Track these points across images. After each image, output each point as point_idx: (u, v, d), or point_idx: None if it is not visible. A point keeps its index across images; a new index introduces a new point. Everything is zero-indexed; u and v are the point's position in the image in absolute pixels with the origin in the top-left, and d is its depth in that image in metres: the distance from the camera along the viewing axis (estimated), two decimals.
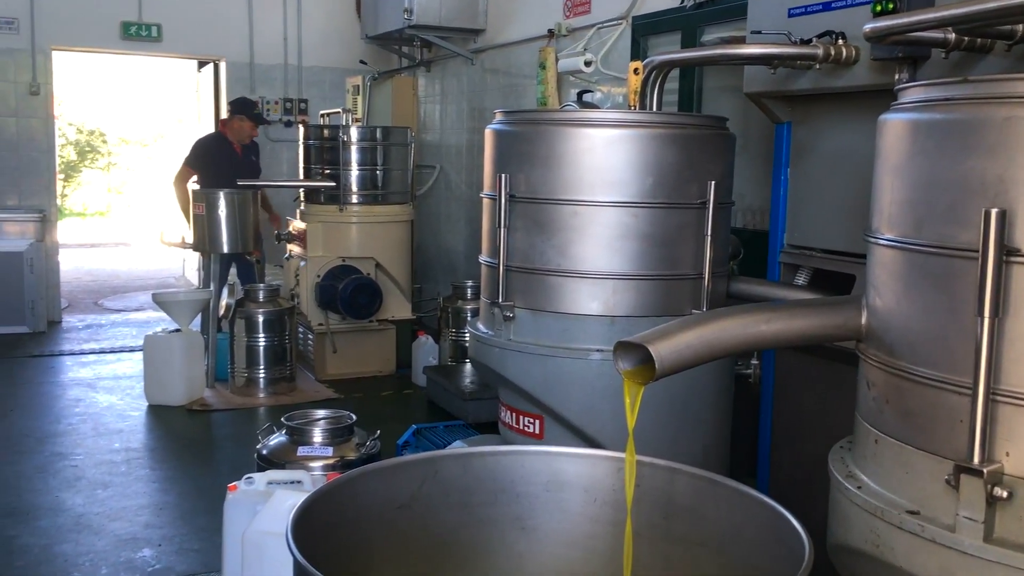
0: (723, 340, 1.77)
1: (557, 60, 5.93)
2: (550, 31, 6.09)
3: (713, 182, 2.85)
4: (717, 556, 1.72)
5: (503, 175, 2.89)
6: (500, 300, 2.94)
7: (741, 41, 3.51)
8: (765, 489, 3.09)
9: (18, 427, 5.21)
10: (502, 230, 2.91)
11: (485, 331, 3.07)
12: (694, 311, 2.88)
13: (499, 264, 2.93)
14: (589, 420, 2.83)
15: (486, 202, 3.10)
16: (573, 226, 2.83)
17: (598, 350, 2.82)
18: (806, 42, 2.81)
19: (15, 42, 7.85)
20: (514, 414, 3.02)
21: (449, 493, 1.82)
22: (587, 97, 5.35)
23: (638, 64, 3.10)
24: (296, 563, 1.39)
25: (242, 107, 7.02)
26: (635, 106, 3.10)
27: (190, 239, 6.36)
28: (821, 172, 3.09)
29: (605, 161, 2.82)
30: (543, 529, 1.87)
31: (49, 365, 6.74)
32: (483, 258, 3.14)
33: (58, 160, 8.95)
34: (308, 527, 1.52)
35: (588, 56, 5.62)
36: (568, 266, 2.84)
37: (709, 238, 2.87)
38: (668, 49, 4.72)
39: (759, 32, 2.96)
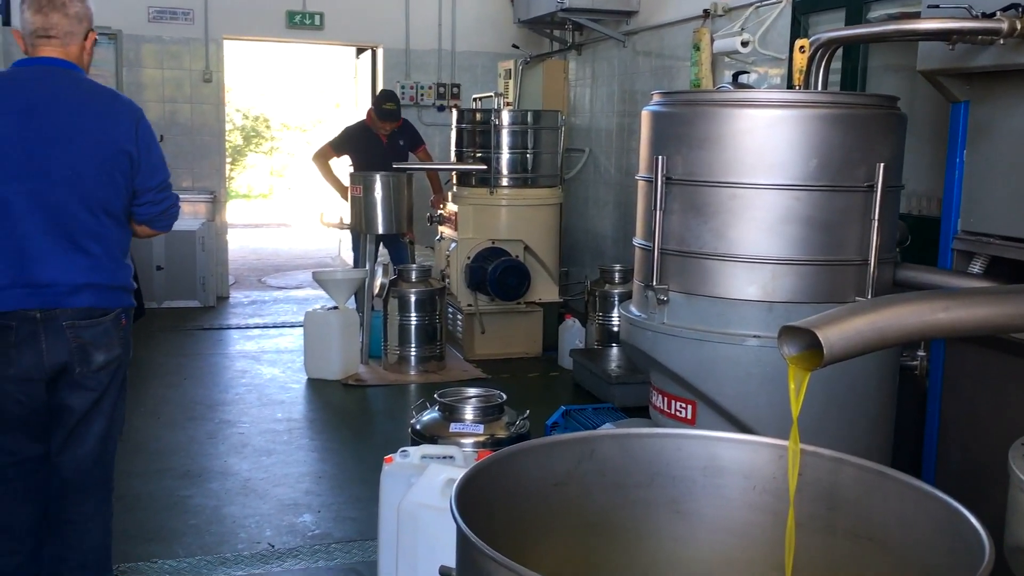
0: (896, 327, 1.69)
1: (712, 41, 5.80)
2: (705, 11, 5.97)
3: (882, 164, 2.73)
4: (884, 551, 1.66)
5: (659, 157, 2.86)
6: (654, 283, 2.91)
7: (912, 16, 3.34)
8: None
9: (190, 395, 5.55)
10: (657, 212, 2.88)
11: (638, 314, 3.05)
12: (858, 298, 2.77)
13: (654, 247, 2.90)
14: (744, 407, 2.77)
15: (641, 184, 3.08)
16: (731, 209, 2.77)
17: (755, 336, 2.75)
18: (989, 16, 2.65)
19: (190, 32, 8.32)
20: (666, 398, 3.00)
21: (605, 473, 1.82)
22: (743, 78, 5.22)
23: (804, 42, 2.99)
24: (459, 532, 1.43)
25: (374, 100, 7.19)
26: (800, 85, 2.99)
27: (347, 219, 6.60)
28: (1003, 154, 2.91)
29: (767, 142, 2.74)
30: (700, 514, 1.84)
31: (218, 338, 7.14)
32: (637, 240, 3.11)
33: (226, 144, 9.44)
34: (469, 499, 1.56)
35: (745, 36, 5.47)
36: (725, 249, 2.78)
37: (876, 223, 2.75)
38: (835, 27, 4.53)
39: (936, 6, 2.81)
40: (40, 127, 2.67)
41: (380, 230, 6.35)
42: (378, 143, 7.02)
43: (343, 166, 7.24)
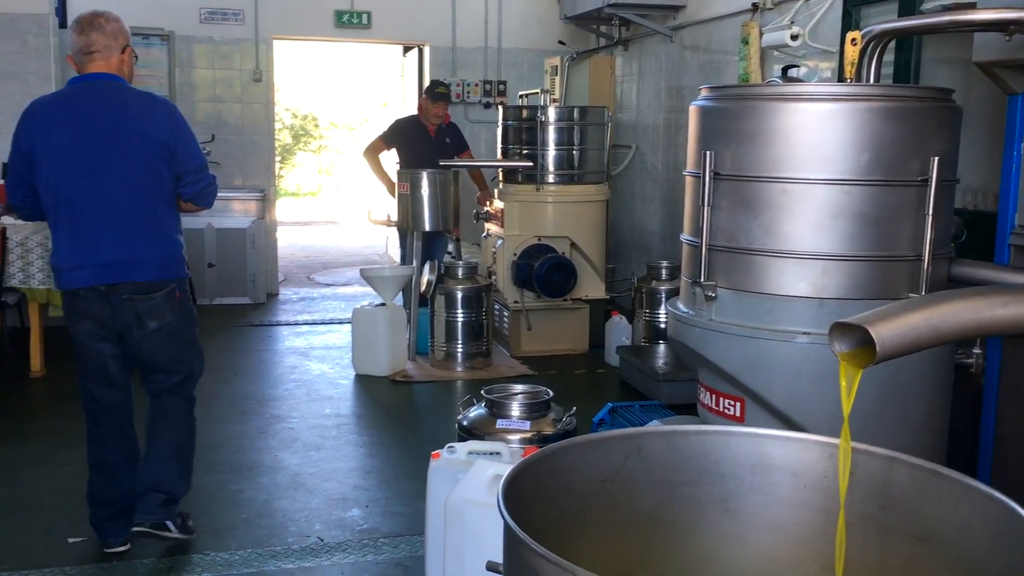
0: (952, 324, 1.66)
1: (761, 35, 5.73)
2: (754, 5, 5.90)
3: (936, 158, 2.68)
4: (939, 552, 1.63)
5: (708, 152, 2.84)
6: (702, 279, 2.89)
7: (967, 7, 3.26)
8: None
9: (241, 390, 5.63)
10: (705, 208, 2.86)
11: (685, 310, 3.03)
12: (911, 295, 2.72)
13: (701, 243, 2.88)
14: (794, 405, 2.74)
15: (689, 180, 3.06)
16: (781, 204, 2.74)
17: (805, 332, 2.72)
18: None
19: (240, 32, 8.44)
20: (714, 396, 2.97)
21: (652, 470, 1.81)
22: (793, 72, 5.15)
23: (856, 34, 2.94)
24: (506, 527, 1.43)
25: (425, 88, 7.28)
26: (852, 78, 2.95)
27: (395, 216, 6.65)
28: None
29: (818, 137, 2.70)
30: (748, 512, 1.82)
31: (268, 334, 7.24)
32: (684, 237, 3.09)
33: (276, 143, 9.55)
34: (515, 495, 1.56)
35: (795, 29, 5.40)
36: (775, 245, 2.75)
37: (930, 217, 2.70)
38: (888, 18, 4.45)
39: None
40: (95, 133, 3.22)
41: (427, 227, 6.38)
42: (426, 136, 7.08)
43: (391, 162, 7.29)
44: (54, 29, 7.15)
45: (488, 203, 7.06)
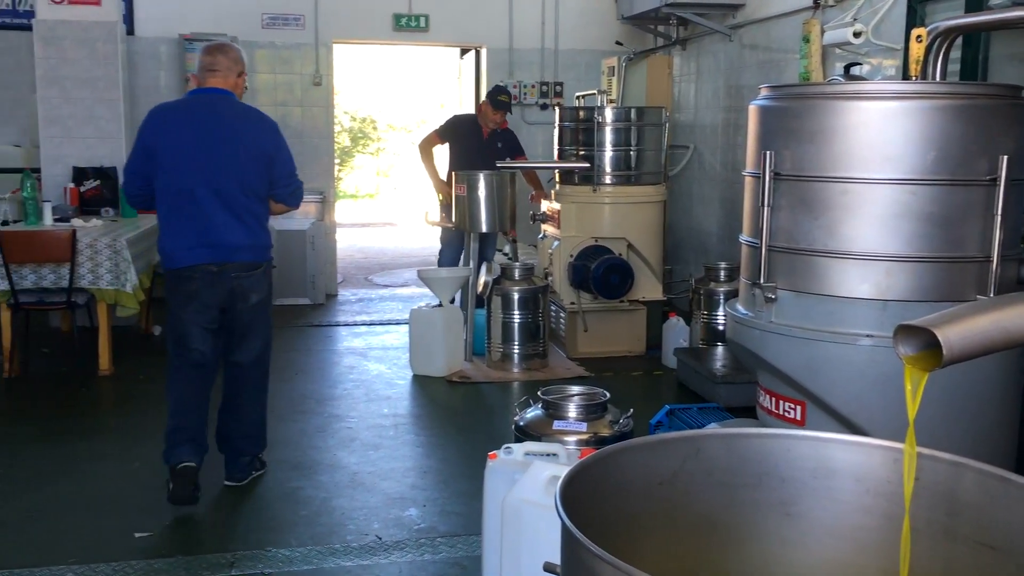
0: (1022, 327, 1.62)
1: (822, 32, 5.65)
2: (815, 2, 5.82)
3: (1005, 157, 2.62)
4: (1007, 561, 1.59)
5: (768, 152, 2.81)
6: (761, 281, 2.86)
7: None
8: None
9: (300, 390, 5.71)
10: (765, 209, 2.83)
11: (744, 312, 3.00)
12: (979, 297, 2.66)
13: (761, 244, 2.85)
14: (856, 409, 2.69)
15: (748, 180, 3.03)
16: (843, 204, 2.70)
17: (868, 335, 2.68)
18: None
19: (301, 37, 8.57)
20: (774, 399, 2.94)
21: (711, 473, 1.80)
22: (855, 70, 5.06)
23: (921, 31, 2.88)
24: (564, 529, 1.43)
25: (488, 92, 7.31)
26: (917, 76, 2.89)
27: (450, 215, 6.70)
28: None
29: (881, 135, 2.66)
30: (809, 517, 1.80)
31: (327, 334, 7.33)
32: (743, 237, 3.06)
33: (335, 146, 9.67)
34: (573, 496, 1.56)
35: (858, 27, 5.30)
36: (836, 246, 2.71)
37: (999, 218, 2.64)
38: (954, 14, 4.35)
39: None
40: (211, 137, 3.84)
41: (484, 228, 6.41)
42: (479, 137, 7.12)
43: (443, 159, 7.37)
44: (121, 36, 7.34)
45: (542, 201, 7.08)
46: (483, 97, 9.03)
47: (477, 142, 7.11)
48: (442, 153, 7.36)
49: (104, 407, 5.53)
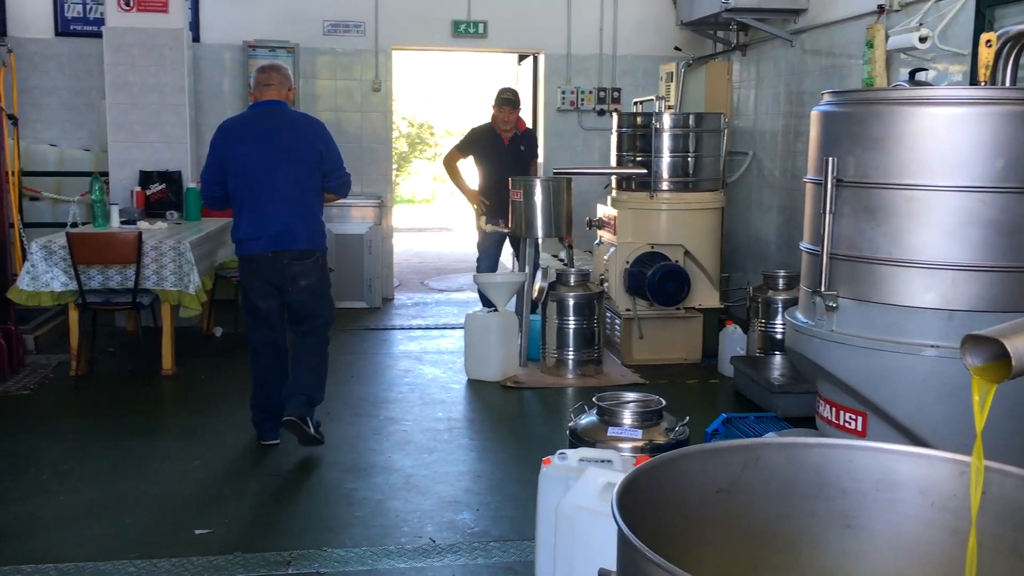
0: None
1: (887, 37, 5.55)
2: (880, 6, 5.72)
3: None
4: None
5: (830, 158, 2.77)
6: (822, 289, 2.81)
7: None
8: None
9: (357, 392, 5.77)
10: (827, 216, 2.79)
11: (804, 320, 2.96)
12: None
13: (822, 251, 2.81)
14: (920, 421, 2.64)
15: (809, 187, 2.99)
16: (907, 212, 2.65)
17: (932, 346, 2.62)
18: None
19: (361, 44, 8.68)
20: (834, 409, 2.89)
21: (770, 482, 1.77)
22: (921, 75, 4.97)
23: (991, 35, 2.82)
24: (621, 535, 1.42)
25: (496, 95, 7.30)
26: (985, 81, 2.82)
27: (507, 225, 6.71)
28: None
29: (947, 142, 2.60)
30: (871, 529, 1.76)
31: (383, 338, 7.40)
32: (804, 245, 3.02)
33: (393, 151, 9.76)
34: (629, 503, 1.55)
35: (923, 31, 5.20)
36: (900, 255, 2.66)
37: None
38: None
39: None
40: (271, 141, 4.49)
41: (540, 234, 6.41)
42: (499, 145, 7.14)
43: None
44: (187, 43, 7.51)
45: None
46: (539, 104, 9.08)
47: (499, 149, 7.13)
48: (470, 167, 7.37)
49: (166, 406, 5.66)
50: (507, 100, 7.16)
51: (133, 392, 5.73)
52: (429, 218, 17.92)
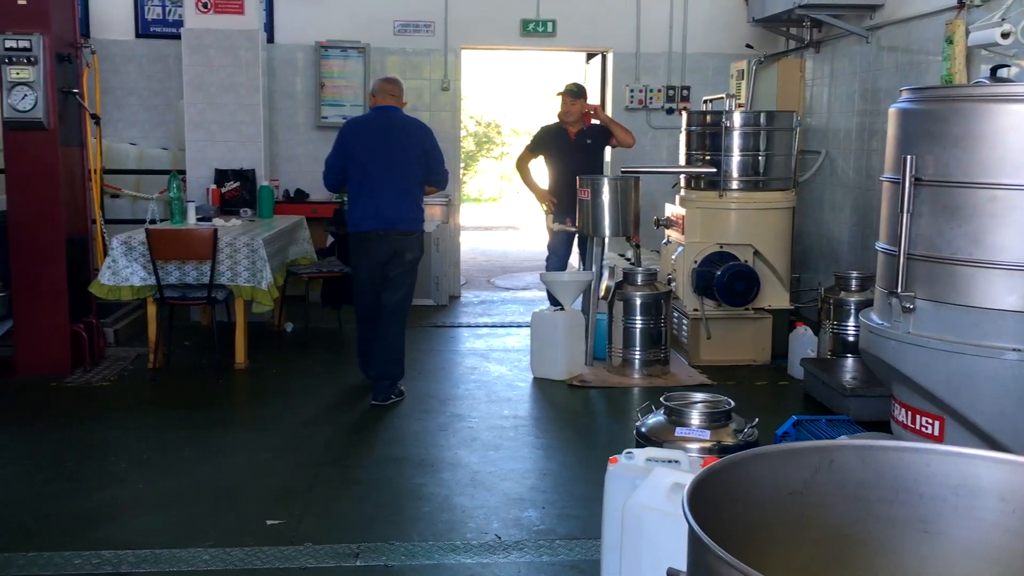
0: None
1: (967, 33, 5.39)
2: (960, 1, 5.56)
3: None
4: None
5: (909, 156, 2.71)
6: (899, 290, 2.76)
7: None
8: None
9: (424, 389, 5.83)
10: (905, 215, 2.73)
11: (880, 322, 2.90)
12: None
13: (899, 252, 2.75)
14: (1002, 426, 2.57)
15: (886, 186, 2.93)
16: (990, 212, 2.58)
17: (1015, 349, 2.55)
18: None
19: (431, 43, 8.75)
20: (910, 413, 2.83)
21: (844, 485, 1.74)
22: (1003, 72, 4.82)
23: None
24: (692, 535, 1.42)
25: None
26: None
27: (574, 223, 6.70)
28: None
29: None
30: (949, 535, 1.72)
31: (449, 335, 7.45)
32: (880, 245, 2.96)
33: (460, 150, 9.82)
34: (700, 503, 1.54)
35: (1006, 27, 5.04)
36: (982, 255, 2.59)
37: None
38: None
39: None
40: (386, 140, 5.43)
41: (607, 233, 6.39)
42: (566, 141, 7.13)
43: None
44: (262, 44, 7.67)
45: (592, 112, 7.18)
46: (607, 102, 9.04)
47: (567, 146, 7.12)
48: (540, 167, 7.37)
49: (239, 399, 5.79)
50: (568, 90, 7.16)
51: (207, 385, 5.87)
52: (496, 217, 17.98)
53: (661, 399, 3.55)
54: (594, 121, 7.26)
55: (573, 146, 7.12)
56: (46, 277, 5.87)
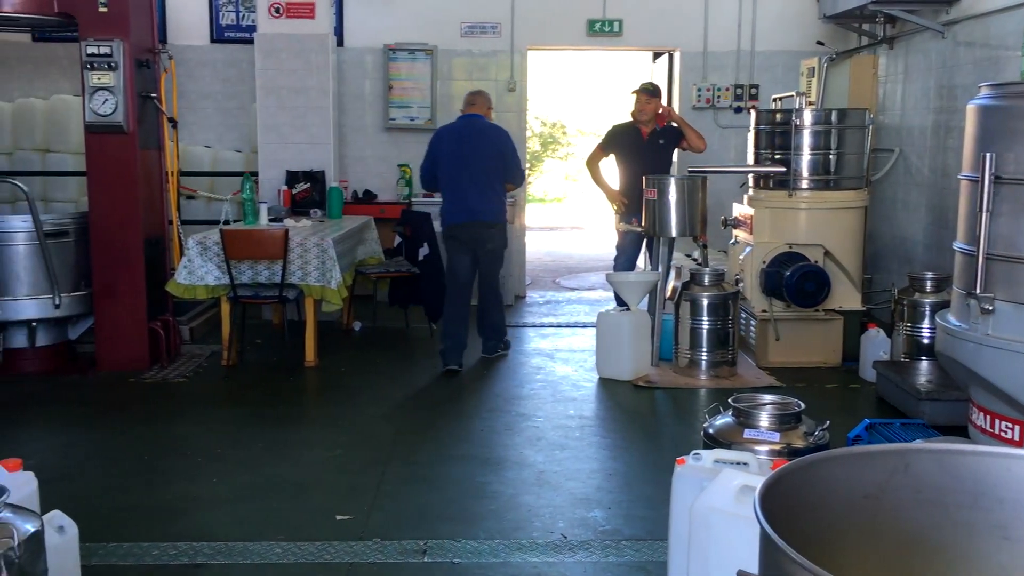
0: None
1: None
2: None
3: None
4: None
5: (988, 154, 2.64)
6: (977, 291, 2.69)
7: None
8: None
9: (490, 388, 5.87)
10: (984, 215, 2.66)
11: (957, 324, 2.83)
12: None
13: (978, 252, 2.69)
14: None
15: (964, 184, 2.86)
16: None
17: None
18: None
19: (497, 44, 8.79)
20: (988, 416, 2.76)
21: (921, 489, 1.71)
22: None
23: None
24: (765, 537, 1.41)
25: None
26: None
27: (628, 221, 6.69)
28: None
29: None
30: None
31: (515, 335, 7.45)
32: (958, 245, 2.89)
33: (526, 151, 9.84)
34: (771, 504, 1.53)
35: None
36: None
37: None
38: None
39: None
40: (470, 145, 6.17)
41: (674, 233, 6.35)
42: (639, 140, 7.08)
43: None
44: (332, 47, 7.79)
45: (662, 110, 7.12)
46: (675, 101, 8.97)
47: (639, 145, 7.08)
48: (611, 166, 7.35)
49: (309, 396, 5.89)
50: (644, 88, 7.14)
51: (279, 382, 5.99)
52: (561, 217, 17.97)
53: (729, 400, 3.52)
54: (668, 123, 7.23)
55: (645, 146, 7.09)
56: (125, 276, 6.06)
